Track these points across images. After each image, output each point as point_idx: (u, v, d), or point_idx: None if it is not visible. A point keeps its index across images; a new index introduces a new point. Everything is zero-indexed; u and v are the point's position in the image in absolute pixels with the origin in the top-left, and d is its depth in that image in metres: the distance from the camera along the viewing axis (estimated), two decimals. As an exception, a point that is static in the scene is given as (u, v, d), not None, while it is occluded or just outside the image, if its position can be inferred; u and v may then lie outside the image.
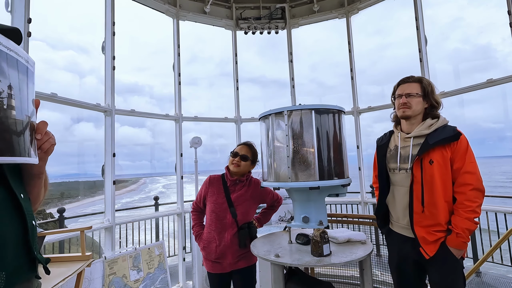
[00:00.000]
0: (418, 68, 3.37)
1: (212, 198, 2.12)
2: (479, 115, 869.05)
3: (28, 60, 0.79)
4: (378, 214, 1.94)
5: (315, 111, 1.71)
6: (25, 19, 2.31)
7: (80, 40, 10.87)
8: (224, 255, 2.01)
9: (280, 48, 4.34)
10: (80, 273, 1.95)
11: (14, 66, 0.72)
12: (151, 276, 2.98)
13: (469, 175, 1.59)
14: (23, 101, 0.74)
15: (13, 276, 0.80)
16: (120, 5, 3.27)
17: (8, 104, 0.68)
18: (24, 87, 0.75)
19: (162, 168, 52.77)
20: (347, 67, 4.04)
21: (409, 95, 1.76)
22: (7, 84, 0.68)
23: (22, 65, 0.76)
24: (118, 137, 3.13)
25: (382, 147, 1.93)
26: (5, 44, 0.70)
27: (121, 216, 3.49)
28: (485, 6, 7.74)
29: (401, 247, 1.79)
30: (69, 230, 2.42)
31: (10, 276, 0.79)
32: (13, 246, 0.81)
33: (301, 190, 1.74)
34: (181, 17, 3.90)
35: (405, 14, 3.58)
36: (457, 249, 1.59)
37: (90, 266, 2.06)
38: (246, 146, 2.19)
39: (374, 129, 3.25)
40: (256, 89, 14.45)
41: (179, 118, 3.74)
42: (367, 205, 3.87)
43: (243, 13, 4.24)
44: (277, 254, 1.68)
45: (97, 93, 3.10)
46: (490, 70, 50.95)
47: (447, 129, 1.67)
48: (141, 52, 9.96)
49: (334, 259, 1.64)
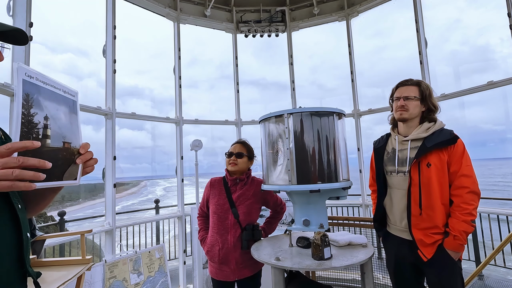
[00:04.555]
0: (419, 70, 3.38)
1: (214, 200, 2.11)
2: (480, 117, 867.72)
3: (67, 90, 0.86)
4: (376, 217, 1.94)
5: (315, 114, 1.71)
6: (26, 23, 2.32)
7: (80, 43, 10.88)
8: (227, 260, 1.98)
9: (281, 51, 4.35)
10: (80, 276, 1.95)
11: (50, 98, 0.79)
12: (151, 279, 2.97)
13: (466, 178, 1.61)
14: (62, 129, 0.82)
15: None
16: (121, 9, 3.29)
17: (43, 134, 0.75)
18: (61, 116, 0.82)
19: (162, 171, 52.72)
20: (347, 70, 4.05)
21: (407, 98, 1.78)
22: (43, 116, 0.75)
23: (59, 96, 0.83)
24: (117, 139, 3.13)
25: (379, 150, 1.93)
26: (41, 79, 0.77)
27: (122, 219, 3.48)
28: (485, 8, 7.76)
29: (399, 249, 1.80)
30: (69, 234, 2.42)
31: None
32: (6, 260, 0.79)
33: (301, 193, 1.74)
34: (181, 20, 3.92)
35: (405, 16, 3.59)
36: (454, 251, 1.60)
37: (90, 269, 2.06)
38: (239, 144, 2.19)
39: (374, 131, 3.25)
40: (256, 91, 14.49)
41: (180, 121, 3.75)
42: (368, 207, 3.86)
43: (243, 16, 4.26)
44: (277, 258, 1.67)
45: (96, 96, 3.11)
46: (489, 71, 51.14)
47: (444, 133, 1.69)
48: (141, 55, 9.98)
49: (335, 262, 1.63)
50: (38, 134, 0.74)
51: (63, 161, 0.82)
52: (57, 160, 0.79)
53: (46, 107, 0.77)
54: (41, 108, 0.75)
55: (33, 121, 0.72)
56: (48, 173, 0.75)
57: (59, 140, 0.81)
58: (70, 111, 0.87)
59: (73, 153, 0.86)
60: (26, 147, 0.67)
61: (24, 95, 0.71)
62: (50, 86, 0.79)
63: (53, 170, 0.76)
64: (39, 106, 0.74)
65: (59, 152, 0.80)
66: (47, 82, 0.78)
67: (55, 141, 0.79)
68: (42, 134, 0.75)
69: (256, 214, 2.14)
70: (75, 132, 0.88)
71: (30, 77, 0.73)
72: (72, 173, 0.85)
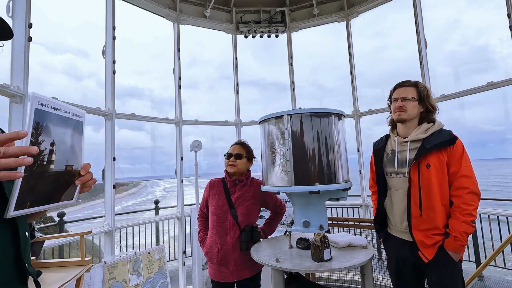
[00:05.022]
0: (419, 70, 3.38)
1: (213, 201, 2.11)
2: (479, 118, 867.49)
3: (75, 113, 0.89)
4: (376, 218, 1.94)
5: (315, 115, 1.71)
6: (26, 24, 2.32)
7: (79, 44, 10.92)
8: (226, 261, 1.98)
9: (280, 51, 4.35)
10: (80, 278, 1.94)
11: (59, 123, 0.82)
12: (151, 280, 2.96)
13: (465, 178, 1.61)
14: (66, 153, 0.84)
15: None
16: (120, 9, 3.29)
17: (48, 160, 0.78)
18: (67, 139, 0.85)
19: (162, 172, 52.61)
20: (347, 70, 4.05)
21: (405, 99, 1.78)
22: (50, 142, 0.77)
23: (67, 120, 0.85)
24: (117, 140, 3.12)
25: (379, 151, 1.93)
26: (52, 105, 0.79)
27: (121, 220, 3.48)
28: (484, 8, 7.75)
29: (399, 251, 1.80)
30: (68, 235, 2.41)
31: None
32: (3, 259, 0.80)
33: (301, 194, 1.73)
34: (181, 21, 3.91)
35: (405, 17, 3.59)
36: (455, 252, 1.60)
37: (90, 271, 2.05)
38: (238, 145, 2.18)
39: (374, 131, 3.24)
40: (256, 92, 14.52)
41: (180, 122, 3.74)
42: (368, 208, 3.85)
43: (243, 17, 4.26)
44: (277, 259, 1.67)
45: (96, 97, 3.11)
46: (489, 72, 50.92)
47: (443, 133, 1.69)
48: (141, 56, 9.95)
49: (335, 264, 1.62)
50: (43, 161, 0.76)
51: (63, 184, 0.85)
52: (57, 183, 0.83)
53: (54, 132, 0.79)
54: (49, 135, 0.77)
55: (39, 148, 0.74)
56: (48, 196, 0.80)
57: (62, 164, 0.83)
58: (76, 133, 0.89)
59: (74, 174, 0.88)
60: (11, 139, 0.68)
61: (34, 123, 0.73)
62: (60, 111, 0.82)
63: (53, 193, 0.81)
64: (47, 133, 0.77)
65: (60, 175, 0.83)
66: (57, 108, 0.81)
67: (59, 165, 0.81)
68: (47, 160, 0.77)
69: (255, 216, 2.13)
70: (78, 153, 0.90)
71: (42, 105, 0.76)
72: (69, 193, 0.88)
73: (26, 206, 0.74)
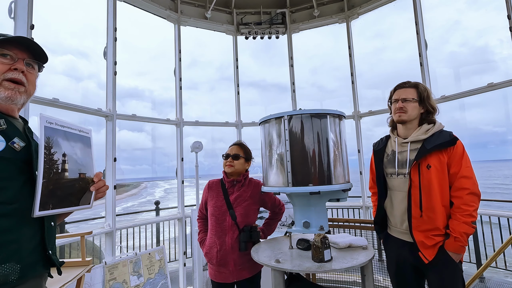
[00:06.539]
0: (419, 71, 3.38)
1: (212, 202, 2.11)
2: (480, 119, 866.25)
3: (82, 129, 1.05)
4: (377, 219, 1.94)
5: (315, 116, 1.71)
6: (27, 26, 2.33)
7: (80, 45, 10.97)
8: (225, 262, 1.98)
9: (281, 52, 4.36)
10: (80, 278, 1.94)
11: (67, 138, 0.96)
12: (151, 281, 2.96)
13: (466, 179, 1.61)
14: (77, 162, 0.99)
15: (27, 269, 0.89)
16: (121, 11, 3.30)
17: (62, 168, 0.92)
18: (77, 151, 1.00)
19: (163, 172, 52.48)
20: (347, 71, 4.05)
21: (405, 100, 1.78)
22: (62, 153, 0.92)
23: (75, 135, 1.00)
24: (117, 141, 3.13)
25: (379, 152, 1.93)
26: (59, 123, 0.94)
27: (122, 221, 3.48)
28: (484, 9, 7.73)
29: (400, 251, 1.79)
30: (69, 236, 2.41)
31: (25, 269, 0.88)
32: (29, 242, 0.91)
33: (301, 195, 1.73)
34: (182, 22, 3.93)
35: (405, 18, 3.59)
36: (455, 253, 1.60)
37: (90, 271, 2.05)
38: (236, 146, 2.19)
39: (374, 132, 3.24)
40: (257, 93, 14.50)
41: (180, 123, 3.75)
42: (368, 209, 3.85)
43: (243, 18, 4.27)
44: (277, 260, 1.67)
45: (96, 98, 3.12)
46: (489, 73, 50.94)
47: (443, 134, 1.69)
48: (141, 57, 9.96)
49: (335, 265, 1.62)
50: (58, 169, 0.90)
51: (79, 190, 0.99)
52: (74, 189, 0.97)
53: (64, 145, 0.94)
54: (60, 147, 0.92)
55: (53, 158, 0.89)
56: (67, 200, 0.94)
57: (76, 172, 0.98)
58: (85, 146, 1.04)
59: (88, 182, 1.03)
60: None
61: (46, 138, 0.87)
62: (67, 128, 0.97)
63: (71, 198, 0.95)
64: (58, 146, 0.91)
65: (75, 182, 0.98)
66: (64, 125, 0.96)
67: (72, 173, 0.96)
68: (61, 169, 0.92)
69: (254, 216, 2.13)
70: (89, 163, 1.05)
71: (50, 123, 0.90)
72: (86, 198, 1.02)
73: (49, 208, 0.88)
